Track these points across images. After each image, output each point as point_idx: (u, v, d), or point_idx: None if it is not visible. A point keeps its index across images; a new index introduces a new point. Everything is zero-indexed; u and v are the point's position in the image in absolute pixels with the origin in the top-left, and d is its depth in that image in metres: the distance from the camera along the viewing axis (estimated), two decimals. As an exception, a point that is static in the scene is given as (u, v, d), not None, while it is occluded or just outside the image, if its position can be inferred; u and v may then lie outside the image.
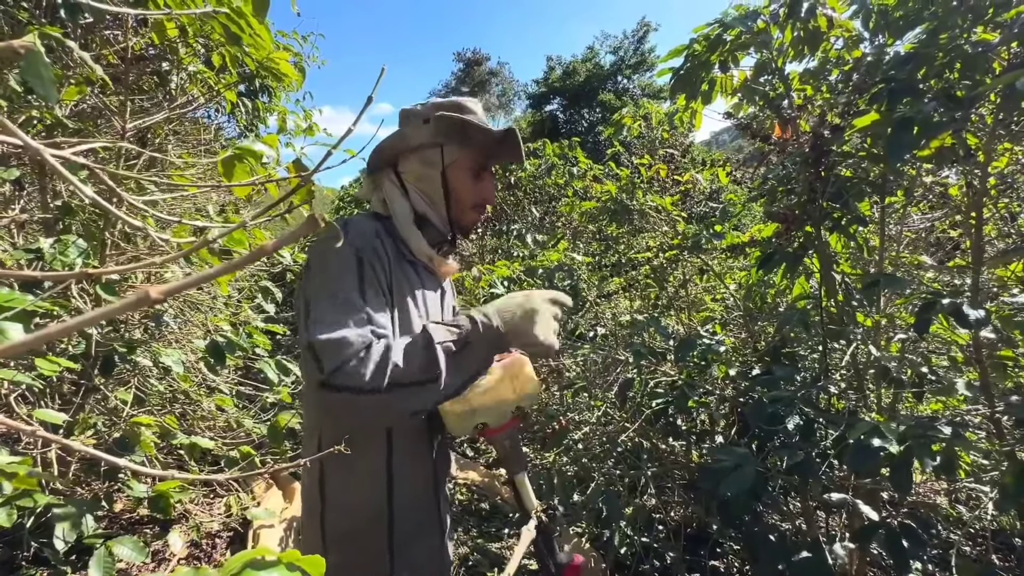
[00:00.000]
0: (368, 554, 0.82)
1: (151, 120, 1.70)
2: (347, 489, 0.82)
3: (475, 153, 0.91)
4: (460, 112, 0.89)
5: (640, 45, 24.36)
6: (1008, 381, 1.40)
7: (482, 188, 0.93)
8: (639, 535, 1.69)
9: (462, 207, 0.92)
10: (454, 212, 0.92)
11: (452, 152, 0.90)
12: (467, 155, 0.90)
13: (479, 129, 0.87)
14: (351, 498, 0.82)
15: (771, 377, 1.39)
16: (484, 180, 0.93)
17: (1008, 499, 1.00)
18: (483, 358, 0.77)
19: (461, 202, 0.92)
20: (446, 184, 0.90)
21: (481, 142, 0.90)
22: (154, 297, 0.19)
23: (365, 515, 0.82)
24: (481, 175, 0.93)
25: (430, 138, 0.89)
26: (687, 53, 1.54)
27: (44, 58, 0.52)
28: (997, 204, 1.52)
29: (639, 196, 2.28)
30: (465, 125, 0.87)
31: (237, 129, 3.12)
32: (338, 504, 0.82)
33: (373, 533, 0.82)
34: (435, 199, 0.91)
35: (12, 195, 1.75)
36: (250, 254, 0.22)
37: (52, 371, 1.27)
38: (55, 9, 1.65)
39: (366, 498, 0.82)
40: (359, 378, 0.68)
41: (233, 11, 1.39)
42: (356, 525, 0.82)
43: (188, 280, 0.21)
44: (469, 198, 0.92)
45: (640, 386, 1.84)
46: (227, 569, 0.27)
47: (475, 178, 0.92)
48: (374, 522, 0.82)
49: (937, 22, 1.22)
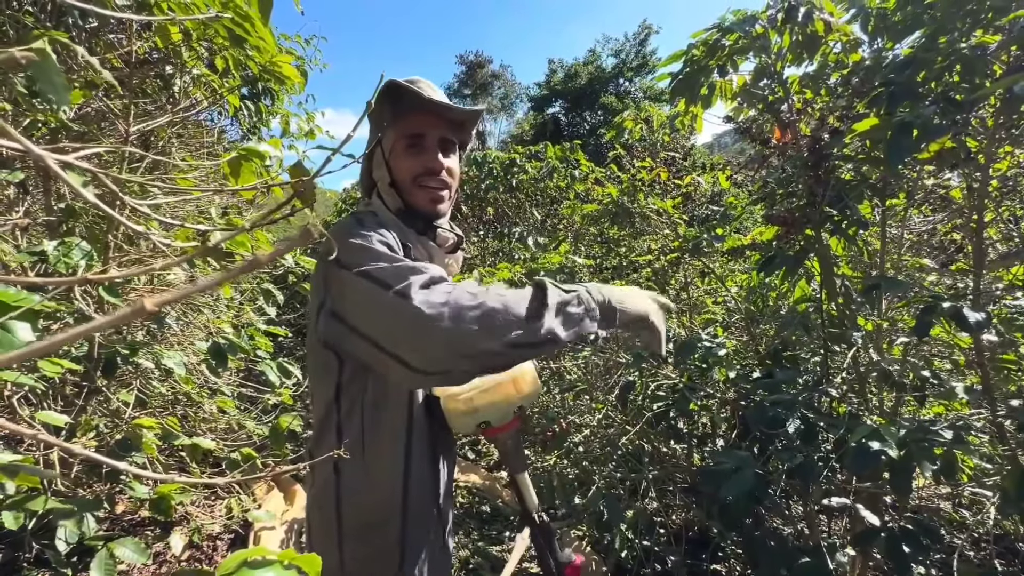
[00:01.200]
0: (381, 548, 0.83)
1: (155, 123, 1.71)
2: (365, 483, 0.83)
3: (403, 128, 0.87)
4: (389, 94, 0.85)
5: (641, 48, 24.41)
6: (1011, 385, 1.39)
7: (420, 159, 0.87)
8: (640, 538, 1.69)
9: (407, 187, 0.88)
10: (406, 197, 0.88)
11: (388, 141, 0.88)
12: (397, 135, 0.87)
13: (387, 99, 0.83)
14: (369, 493, 0.83)
15: (772, 380, 1.38)
16: (423, 151, 0.88)
17: (1010, 503, 1.00)
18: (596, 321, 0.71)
19: (403, 184, 0.88)
20: (392, 173, 0.88)
21: (397, 112, 0.85)
22: (150, 309, 0.20)
23: (382, 510, 0.83)
24: (420, 147, 0.88)
25: (372, 139, 0.89)
26: (686, 58, 1.55)
27: (55, 64, 0.53)
28: (999, 207, 1.51)
29: (640, 199, 2.28)
30: (388, 106, 0.84)
31: (240, 132, 3.14)
32: (355, 499, 0.82)
33: (388, 528, 0.83)
34: (390, 193, 0.89)
35: (16, 198, 1.76)
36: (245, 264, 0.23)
37: (55, 372, 1.28)
38: (60, 13, 1.67)
39: (384, 494, 0.83)
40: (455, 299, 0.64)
41: (239, 15, 1.40)
42: (372, 519, 0.82)
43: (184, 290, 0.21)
44: (407, 174, 0.87)
45: (641, 389, 1.84)
46: (224, 567, 0.28)
47: (412, 153, 0.87)
48: (389, 517, 0.83)
49: (936, 26, 1.23)
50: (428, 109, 0.85)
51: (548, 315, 0.66)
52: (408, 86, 0.83)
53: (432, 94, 0.87)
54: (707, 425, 1.97)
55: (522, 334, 0.64)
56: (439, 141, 0.89)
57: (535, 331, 0.65)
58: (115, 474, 1.64)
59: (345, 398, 0.82)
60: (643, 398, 1.84)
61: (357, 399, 0.82)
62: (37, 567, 1.77)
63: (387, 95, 0.85)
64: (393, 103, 0.84)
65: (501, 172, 4.20)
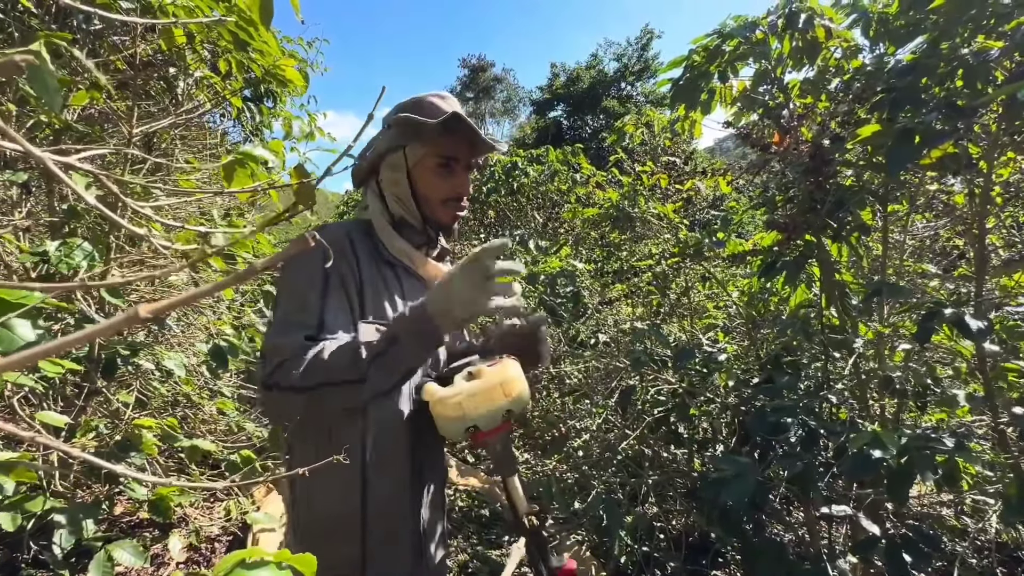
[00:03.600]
0: (339, 558, 0.82)
1: (158, 125, 1.72)
2: (317, 491, 0.83)
3: (437, 148, 0.90)
4: (418, 110, 0.89)
5: (643, 52, 24.47)
6: (1013, 392, 1.39)
7: (453, 182, 0.91)
8: (640, 544, 1.68)
9: (432, 205, 0.92)
10: (426, 211, 0.92)
11: (415, 152, 0.90)
12: (429, 151, 0.89)
13: (433, 126, 0.86)
14: (322, 501, 0.83)
15: (773, 386, 1.38)
16: (455, 174, 0.92)
17: (1012, 511, 0.99)
18: (414, 352, 0.75)
19: (430, 200, 0.91)
20: (413, 185, 0.91)
21: (436, 136, 0.88)
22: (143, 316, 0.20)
23: (337, 519, 0.83)
24: (451, 168, 0.91)
25: (394, 142, 0.90)
26: (686, 64, 1.55)
27: (49, 66, 0.53)
28: (1002, 213, 1.51)
29: (641, 203, 2.28)
30: (418, 124, 0.86)
31: (243, 134, 3.15)
32: (309, 505, 0.84)
33: (345, 538, 0.83)
34: (406, 201, 0.92)
35: (19, 198, 1.77)
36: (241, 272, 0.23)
37: (55, 373, 1.28)
38: (65, 15, 1.68)
39: (338, 502, 0.83)
40: (291, 378, 0.72)
41: (243, 19, 1.41)
42: (327, 527, 0.83)
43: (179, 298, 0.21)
44: (437, 195, 0.91)
45: (641, 394, 1.84)
46: (219, 568, 0.27)
47: (443, 173, 0.91)
48: (346, 527, 0.83)
49: (938, 31, 1.23)
50: (467, 137, 0.89)
51: (368, 380, 0.73)
52: (451, 109, 0.86)
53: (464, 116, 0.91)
54: (707, 430, 1.96)
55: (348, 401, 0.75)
56: (467, 166, 0.94)
57: (356, 397, 0.74)
58: (114, 475, 1.64)
59: None
60: (643, 403, 1.83)
61: None
62: (36, 568, 1.77)
63: (422, 110, 0.89)
64: (450, 123, 0.86)
65: (503, 175, 4.20)
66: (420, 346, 0.75)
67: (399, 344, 0.73)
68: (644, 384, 1.82)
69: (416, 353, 0.75)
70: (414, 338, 0.74)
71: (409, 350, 0.74)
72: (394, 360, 0.74)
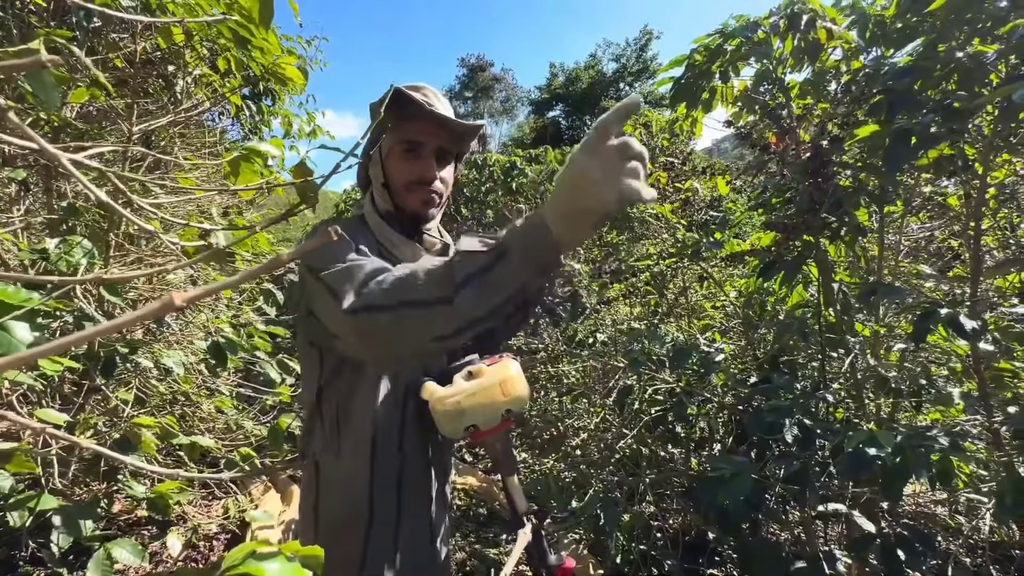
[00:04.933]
0: (345, 550, 0.84)
1: (157, 123, 1.72)
2: (339, 479, 0.86)
3: (402, 133, 0.88)
4: (396, 100, 0.84)
5: (642, 53, 24.52)
6: (1007, 392, 1.40)
7: (417, 165, 0.89)
8: (637, 543, 1.69)
9: (399, 190, 0.90)
10: (397, 199, 0.91)
11: (387, 141, 0.90)
12: (397, 138, 0.89)
13: (391, 105, 0.82)
14: (341, 491, 0.86)
15: (770, 386, 1.39)
16: (420, 158, 0.89)
17: (1006, 509, 1.00)
18: (522, 269, 0.57)
19: (397, 186, 0.90)
20: (386, 176, 0.90)
21: (399, 117, 0.87)
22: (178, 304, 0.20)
23: (348, 508, 0.85)
24: (417, 153, 0.89)
25: (373, 138, 0.90)
26: (687, 63, 1.56)
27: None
28: (996, 215, 1.52)
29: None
30: (376, 109, 0.84)
31: (242, 132, 3.15)
32: (330, 494, 0.86)
33: (355, 531, 0.85)
34: (381, 191, 0.91)
35: (18, 195, 1.76)
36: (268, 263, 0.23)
37: (54, 371, 1.28)
38: (64, 13, 1.68)
39: (349, 492, 0.85)
40: (372, 296, 0.64)
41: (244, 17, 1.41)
42: (343, 516, 0.85)
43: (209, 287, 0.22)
44: (401, 178, 0.89)
45: (639, 393, 1.84)
46: (230, 559, 0.28)
47: (408, 158, 0.89)
48: (354, 517, 0.85)
49: (935, 35, 1.24)
50: (429, 119, 0.86)
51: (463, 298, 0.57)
52: (411, 94, 0.84)
53: (436, 103, 0.89)
54: (705, 430, 1.98)
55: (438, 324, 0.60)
56: (436, 150, 0.90)
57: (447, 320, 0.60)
58: (112, 473, 1.64)
59: (325, 395, 0.87)
60: (641, 402, 1.84)
61: (333, 399, 0.86)
62: (34, 566, 1.77)
63: (392, 100, 0.85)
64: (396, 108, 0.85)
65: (501, 175, 4.20)
66: (532, 263, 0.57)
67: (506, 259, 0.57)
68: (642, 384, 1.82)
69: (525, 271, 0.57)
70: (525, 252, 0.57)
71: (517, 267, 0.57)
72: (497, 278, 0.57)
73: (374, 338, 0.64)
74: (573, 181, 0.54)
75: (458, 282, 0.58)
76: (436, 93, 0.93)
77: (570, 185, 0.55)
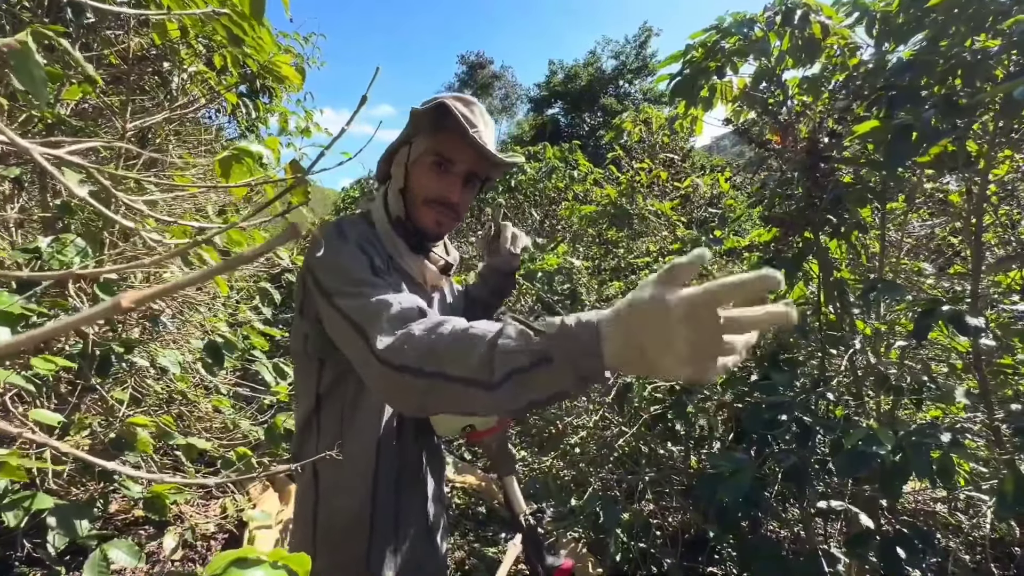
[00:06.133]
0: (349, 553, 0.83)
1: (151, 120, 1.70)
2: (339, 486, 0.84)
3: (436, 145, 0.84)
4: (436, 108, 0.81)
5: (641, 50, 24.45)
6: (1008, 389, 1.39)
7: (442, 183, 0.85)
8: (636, 541, 1.68)
9: (416, 202, 0.86)
10: (411, 209, 0.87)
11: (417, 147, 0.85)
12: (429, 148, 0.84)
13: (429, 115, 0.81)
14: (343, 496, 0.84)
15: (769, 383, 1.38)
16: (447, 175, 0.85)
17: (1006, 507, 1.00)
18: (568, 376, 0.52)
19: (415, 197, 0.86)
20: (407, 180, 0.87)
21: (436, 132, 0.84)
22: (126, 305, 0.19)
23: (352, 515, 0.84)
24: (445, 169, 0.85)
25: (404, 136, 0.87)
26: (684, 60, 1.54)
27: (35, 57, 0.52)
28: (998, 211, 1.51)
29: (639, 200, 2.28)
30: (418, 116, 0.81)
31: (238, 130, 3.13)
32: (330, 501, 0.84)
33: (356, 531, 0.83)
34: (397, 197, 0.88)
35: (12, 193, 1.75)
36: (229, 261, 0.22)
37: (48, 371, 1.27)
38: (58, 8, 1.66)
39: (355, 499, 0.84)
40: (406, 355, 0.60)
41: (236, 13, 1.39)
42: (344, 523, 0.84)
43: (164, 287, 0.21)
44: (422, 192, 0.85)
45: (638, 390, 1.84)
46: (212, 567, 0.27)
47: (435, 172, 0.85)
48: (359, 525, 0.84)
49: (938, 29, 1.23)
50: (470, 143, 0.81)
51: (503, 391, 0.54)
52: (457, 108, 0.79)
53: (481, 125, 0.85)
54: (704, 427, 1.97)
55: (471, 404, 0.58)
56: (466, 173, 0.86)
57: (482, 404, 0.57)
58: (109, 473, 1.63)
59: (326, 402, 0.85)
60: (640, 400, 1.83)
61: (336, 404, 0.84)
62: (30, 566, 1.76)
63: (436, 109, 0.81)
64: (440, 116, 0.81)
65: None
66: (575, 373, 0.52)
67: (550, 365, 0.53)
68: (641, 381, 1.82)
69: (567, 379, 0.53)
70: (570, 360, 0.52)
71: (559, 374, 0.53)
72: (538, 382, 0.54)
73: (404, 397, 0.62)
74: (653, 330, 0.47)
75: (499, 377, 0.54)
76: (483, 112, 0.89)
77: (647, 331, 0.47)
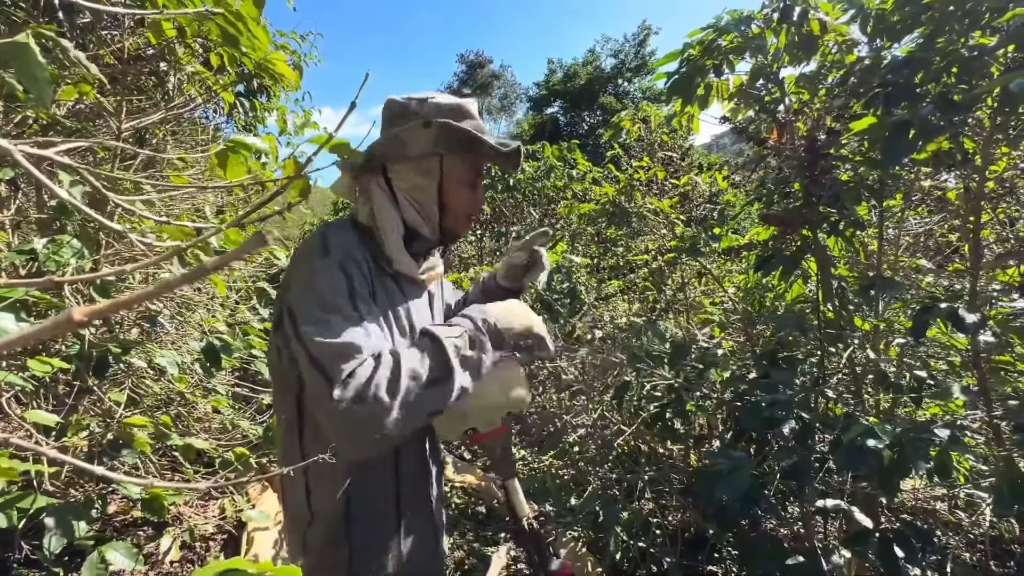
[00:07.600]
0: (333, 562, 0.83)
1: (148, 120, 1.70)
2: (330, 497, 0.82)
3: (476, 164, 0.89)
4: (461, 117, 0.85)
5: (640, 49, 24.41)
6: (1006, 386, 1.39)
7: (476, 198, 0.91)
8: (636, 540, 1.68)
9: (456, 218, 0.90)
10: (448, 223, 0.90)
11: (452, 163, 0.86)
12: (467, 167, 0.88)
13: (484, 144, 0.84)
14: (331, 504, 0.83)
15: (769, 381, 1.38)
16: (477, 188, 0.91)
17: (1005, 505, 1.00)
18: (485, 358, 0.78)
19: (455, 214, 0.89)
20: (442, 195, 0.87)
21: (482, 154, 0.87)
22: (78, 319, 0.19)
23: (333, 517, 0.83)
24: (475, 183, 0.90)
25: (430, 147, 0.83)
26: (682, 58, 1.54)
27: (38, 58, 0.52)
28: (995, 208, 1.51)
29: (638, 199, 2.27)
30: (471, 139, 0.83)
31: (235, 130, 3.13)
32: (323, 513, 0.83)
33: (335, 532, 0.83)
34: (428, 210, 0.87)
35: (8, 194, 1.74)
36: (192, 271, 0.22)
37: (45, 372, 1.27)
38: (53, 9, 1.65)
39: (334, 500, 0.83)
40: (374, 388, 0.66)
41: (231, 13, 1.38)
42: (328, 529, 0.83)
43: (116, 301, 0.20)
44: (464, 209, 0.90)
45: (637, 389, 1.84)
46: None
47: (472, 187, 0.90)
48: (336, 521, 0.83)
49: (934, 26, 1.22)
50: (496, 159, 0.89)
51: (455, 375, 0.72)
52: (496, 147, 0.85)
53: (483, 125, 0.90)
54: (703, 426, 1.97)
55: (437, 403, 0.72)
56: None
57: (447, 395, 0.72)
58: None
59: (307, 410, 0.83)
60: (639, 398, 1.83)
61: None
62: (28, 567, 1.75)
63: (465, 120, 0.86)
64: (474, 142, 0.84)
65: (498, 172, 4.18)
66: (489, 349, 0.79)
67: (477, 347, 0.77)
68: (640, 380, 1.81)
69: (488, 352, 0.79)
70: (488, 339, 0.79)
71: (483, 356, 0.77)
72: (476, 361, 0.76)
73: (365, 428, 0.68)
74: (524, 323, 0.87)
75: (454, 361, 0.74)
76: (473, 104, 0.92)
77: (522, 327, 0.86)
